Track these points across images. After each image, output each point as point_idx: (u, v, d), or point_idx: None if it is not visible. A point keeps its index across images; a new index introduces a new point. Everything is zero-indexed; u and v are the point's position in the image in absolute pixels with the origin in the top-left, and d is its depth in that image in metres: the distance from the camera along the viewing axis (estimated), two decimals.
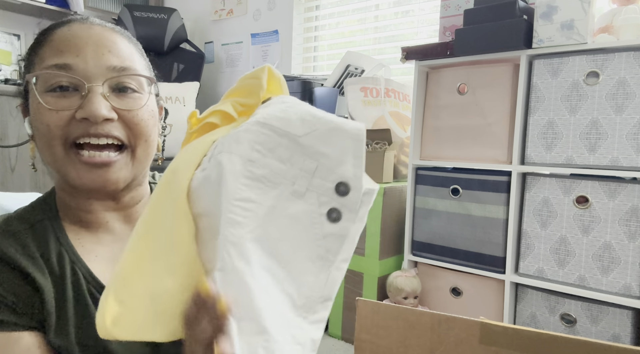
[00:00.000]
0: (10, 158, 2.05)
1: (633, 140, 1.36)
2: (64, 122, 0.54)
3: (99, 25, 0.60)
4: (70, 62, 0.55)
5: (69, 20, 0.60)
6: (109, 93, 0.56)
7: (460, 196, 1.70)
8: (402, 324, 0.48)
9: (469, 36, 1.58)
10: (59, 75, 0.54)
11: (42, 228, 0.59)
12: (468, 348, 0.45)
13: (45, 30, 0.60)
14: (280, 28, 2.78)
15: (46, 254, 0.57)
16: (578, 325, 1.45)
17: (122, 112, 0.57)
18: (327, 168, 0.43)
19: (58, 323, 0.55)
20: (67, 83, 0.55)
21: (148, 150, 0.61)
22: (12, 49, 2.71)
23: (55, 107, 0.54)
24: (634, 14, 1.43)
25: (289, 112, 0.45)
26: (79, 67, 0.55)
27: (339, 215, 0.44)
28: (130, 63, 0.59)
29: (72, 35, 0.57)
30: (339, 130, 0.43)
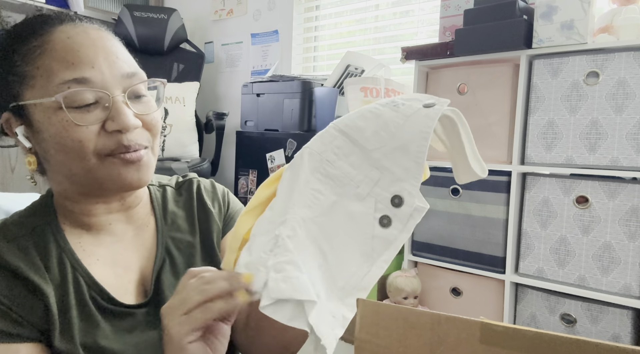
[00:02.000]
0: (10, 158, 2.05)
1: (633, 140, 1.36)
2: (94, 135, 0.55)
3: (93, 28, 0.59)
4: (87, 75, 0.54)
5: (50, 21, 0.58)
6: (128, 100, 0.57)
7: (460, 196, 1.70)
8: (402, 324, 0.48)
9: (469, 36, 1.58)
10: (82, 91, 0.54)
11: (41, 233, 0.58)
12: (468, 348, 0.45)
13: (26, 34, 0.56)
14: (280, 28, 2.78)
15: (47, 260, 0.57)
16: (578, 325, 1.45)
17: (142, 117, 0.59)
18: (388, 181, 0.50)
19: (62, 328, 0.55)
20: (93, 100, 0.55)
21: (156, 150, 0.63)
22: None
23: (84, 123, 0.54)
24: (634, 14, 1.43)
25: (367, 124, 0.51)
26: (97, 79, 0.55)
27: (389, 222, 0.50)
28: (135, 67, 0.60)
29: (77, 43, 0.56)
30: (404, 151, 0.50)
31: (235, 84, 2.93)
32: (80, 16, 0.61)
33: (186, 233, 0.68)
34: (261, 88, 2.41)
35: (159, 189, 0.71)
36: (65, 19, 0.59)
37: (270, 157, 2.31)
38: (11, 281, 0.54)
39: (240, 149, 2.48)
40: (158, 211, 0.68)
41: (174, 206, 0.70)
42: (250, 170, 2.41)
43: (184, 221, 0.69)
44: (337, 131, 0.52)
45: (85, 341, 0.56)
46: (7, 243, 0.56)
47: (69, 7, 2.72)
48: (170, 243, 0.67)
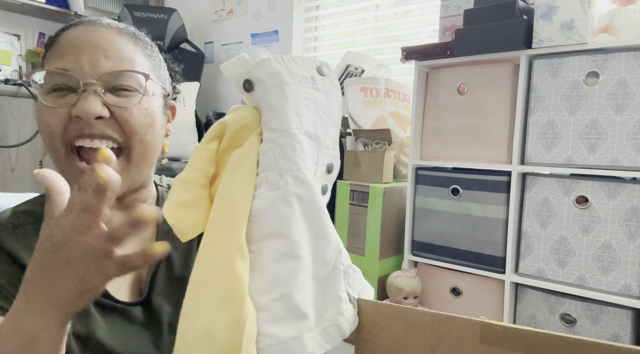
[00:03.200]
0: (11, 158, 2.05)
1: (633, 140, 1.36)
2: (62, 120, 0.56)
3: (104, 26, 0.61)
4: (67, 66, 0.57)
5: (77, 22, 0.62)
6: (103, 91, 0.58)
7: (460, 196, 1.70)
8: (402, 324, 0.48)
9: (469, 36, 1.58)
10: (56, 77, 0.57)
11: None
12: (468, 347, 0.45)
13: (56, 33, 0.62)
14: (280, 28, 2.78)
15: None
16: (578, 325, 1.45)
17: (115, 108, 0.58)
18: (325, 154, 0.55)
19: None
20: (64, 85, 0.57)
21: (145, 152, 0.61)
22: (12, 49, 2.71)
23: (53, 105, 0.56)
24: (634, 14, 1.43)
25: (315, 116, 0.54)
26: (77, 72, 0.57)
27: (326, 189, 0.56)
28: (128, 66, 0.60)
29: (74, 39, 0.59)
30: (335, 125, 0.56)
31: None
32: (108, 20, 0.64)
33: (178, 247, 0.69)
34: None
35: (167, 191, 0.72)
36: (85, 22, 0.62)
37: None
38: (9, 266, 0.56)
39: None
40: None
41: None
42: None
43: None
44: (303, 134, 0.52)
45: (79, 330, 0.56)
46: (13, 228, 0.58)
47: (69, 7, 2.72)
48: (170, 243, 0.66)
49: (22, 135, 2.06)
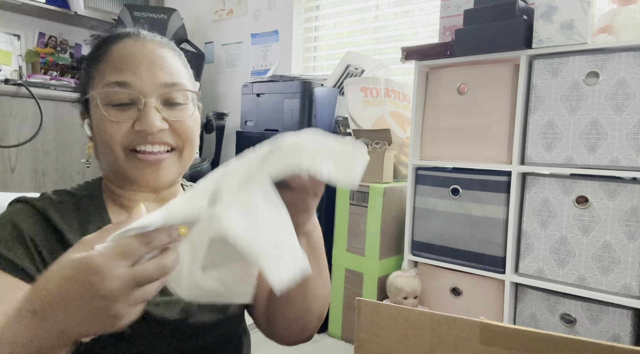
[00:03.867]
0: (11, 158, 2.05)
1: (633, 140, 1.36)
2: (124, 131, 0.64)
3: (150, 41, 0.68)
4: (128, 80, 0.64)
5: (122, 34, 0.68)
6: (161, 106, 0.65)
7: (460, 196, 1.70)
8: (402, 324, 0.48)
9: (469, 36, 1.58)
10: (119, 92, 0.64)
11: (85, 202, 0.68)
12: (468, 348, 0.45)
13: (100, 45, 0.68)
14: (280, 28, 2.78)
15: (85, 223, 0.65)
16: (578, 325, 1.45)
17: (172, 122, 0.66)
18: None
19: None
20: (127, 100, 0.64)
21: (192, 151, 0.71)
22: (12, 48, 2.71)
23: (117, 119, 0.64)
24: (634, 14, 1.43)
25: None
26: (136, 84, 0.64)
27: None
28: (178, 79, 0.68)
29: (129, 53, 0.65)
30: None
31: (235, 84, 2.93)
32: (145, 32, 0.71)
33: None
34: (261, 89, 2.41)
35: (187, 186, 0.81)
36: (132, 34, 0.68)
37: None
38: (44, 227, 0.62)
39: (241, 149, 2.47)
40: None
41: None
42: None
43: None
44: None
45: None
46: (56, 203, 0.65)
47: (69, 7, 2.71)
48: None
49: (22, 135, 2.06)
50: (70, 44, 2.96)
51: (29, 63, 2.76)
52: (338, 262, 2.06)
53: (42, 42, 2.83)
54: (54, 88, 2.17)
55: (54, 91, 2.15)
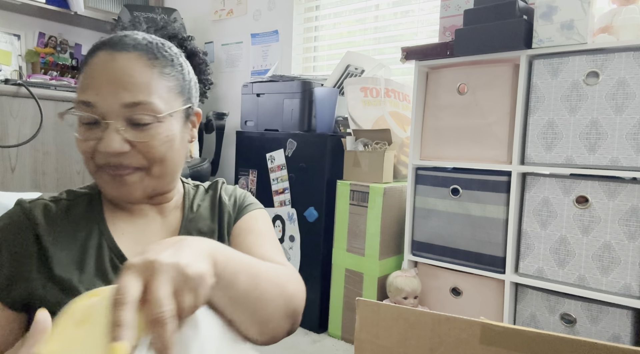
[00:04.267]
0: (11, 158, 2.05)
1: (633, 140, 1.36)
2: (91, 149, 0.65)
3: (123, 53, 0.65)
4: (91, 100, 0.63)
5: (100, 45, 0.67)
6: (124, 127, 0.64)
7: (460, 196, 1.70)
8: (402, 324, 0.48)
9: (469, 36, 1.58)
10: (84, 112, 0.64)
11: (83, 200, 0.71)
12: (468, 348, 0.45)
13: (88, 52, 0.68)
14: (280, 28, 2.78)
15: (77, 220, 0.68)
16: (578, 325, 1.45)
17: (136, 143, 0.64)
18: None
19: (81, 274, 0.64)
20: (92, 120, 0.64)
21: (164, 169, 0.68)
22: (12, 49, 2.71)
23: (84, 138, 0.65)
24: (634, 14, 1.43)
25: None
26: (98, 105, 0.63)
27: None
28: (144, 97, 0.64)
29: (96, 71, 0.64)
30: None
31: (235, 84, 2.93)
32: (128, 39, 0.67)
33: (207, 219, 0.77)
34: (261, 88, 2.41)
35: (193, 188, 0.83)
36: (109, 45, 0.66)
37: (270, 157, 2.31)
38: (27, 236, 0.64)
39: (241, 149, 2.48)
40: (187, 203, 0.78)
41: (200, 200, 0.80)
42: (251, 170, 2.42)
43: (207, 210, 0.79)
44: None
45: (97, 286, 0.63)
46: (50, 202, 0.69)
47: (69, 7, 2.71)
48: (192, 229, 0.76)
49: (22, 135, 2.06)
50: (70, 44, 2.96)
51: (29, 63, 2.76)
52: (338, 262, 2.06)
53: (42, 42, 2.83)
54: (54, 88, 2.17)
55: (54, 91, 2.15)
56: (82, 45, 3.03)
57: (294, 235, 2.20)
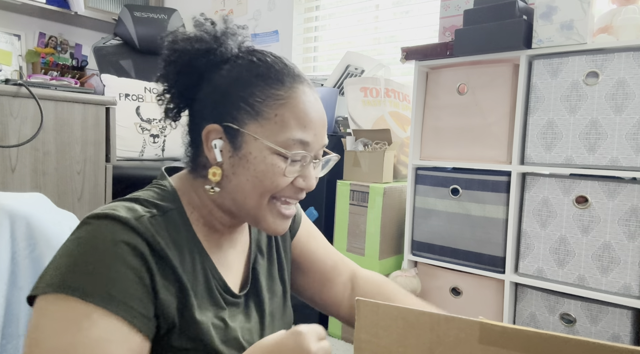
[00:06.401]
0: (11, 158, 2.05)
1: (632, 140, 1.36)
2: (286, 184, 0.64)
3: (318, 97, 0.68)
4: (310, 140, 0.64)
5: (299, 78, 0.66)
6: (315, 165, 0.68)
7: (460, 196, 1.70)
8: (402, 324, 0.49)
9: (468, 36, 1.58)
10: (301, 153, 0.64)
11: (173, 216, 0.64)
12: (468, 347, 0.45)
13: (275, 79, 0.64)
14: (280, 28, 2.78)
15: (179, 242, 0.63)
16: (578, 325, 1.46)
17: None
18: None
19: (197, 302, 0.62)
20: (299, 158, 0.64)
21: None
22: (12, 49, 2.71)
23: (289, 175, 0.64)
24: (634, 14, 1.43)
25: None
26: (312, 144, 0.65)
27: None
28: (327, 139, 0.69)
29: (311, 109, 0.65)
30: None
31: None
32: (306, 78, 0.69)
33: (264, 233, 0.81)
34: None
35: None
36: (303, 81, 0.67)
37: None
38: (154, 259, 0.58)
39: None
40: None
41: None
42: None
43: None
44: None
45: (217, 323, 0.64)
46: (151, 217, 0.61)
47: (69, 7, 2.72)
48: (259, 240, 0.79)
49: (22, 135, 2.06)
50: (70, 44, 2.96)
51: (29, 63, 2.76)
52: None
53: (43, 42, 2.83)
54: (54, 88, 2.18)
55: (54, 91, 2.15)
56: (82, 45, 3.04)
57: None
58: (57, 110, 2.15)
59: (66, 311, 0.52)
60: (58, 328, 0.51)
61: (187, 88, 0.67)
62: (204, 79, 0.66)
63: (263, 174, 0.62)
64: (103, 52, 2.66)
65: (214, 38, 0.67)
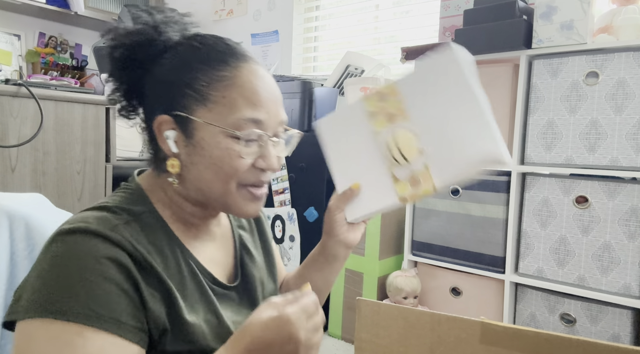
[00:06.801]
0: (11, 158, 2.05)
1: (632, 140, 1.36)
2: (246, 167, 0.62)
3: (268, 74, 0.66)
4: (262, 118, 0.62)
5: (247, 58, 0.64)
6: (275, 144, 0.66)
7: (460, 196, 1.70)
8: (402, 324, 0.49)
9: (469, 36, 1.58)
10: (255, 132, 0.62)
11: (147, 219, 0.63)
12: (468, 347, 0.45)
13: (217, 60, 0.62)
14: (280, 28, 2.78)
15: (158, 243, 0.62)
16: (578, 325, 1.46)
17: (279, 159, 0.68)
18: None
19: (186, 303, 0.61)
20: (255, 137, 0.62)
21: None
22: (12, 49, 2.71)
23: (246, 156, 0.62)
24: (634, 14, 1.43)
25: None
26: (266, 122, 0.63)
27: None
28: (285, 114, 0.67)
29: (260, 87, 0.63)
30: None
31: None
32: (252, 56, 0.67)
33: (247, 228, 0.81)
34: None
35: None
36: (248, 59, 0.65)
37: None
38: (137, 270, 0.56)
39: None
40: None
41: None
42: None
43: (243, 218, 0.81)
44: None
45: (209, 318, 0.63)
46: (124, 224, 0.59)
47: (69, 7, 2.71)
48: (242, 236, 0.78)
49: (22, 135, 2.06)
50: (70, 44, 2.96)
51: (29, 63, 2.76)
52: None
53: (43, 42, 2.83)
54: (54, 88, 2.18)
55: (54, 91, 2.15)
56: (82, 45, 3.03)
57: (294, 235, 2.21)
58: (57, 110, 2.15)
59: (56, 333, 0.51)
60: (52, 351, 0.50)
61: (134, 83, 0.66)
62: (148, 71, 0.65)
63: (220, 159, 0.61)
64: (103, 52, 2.65)
65: (153, 28, 0.64)
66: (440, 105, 0.64)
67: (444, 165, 0.63)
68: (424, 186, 0.64)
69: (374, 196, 0.68)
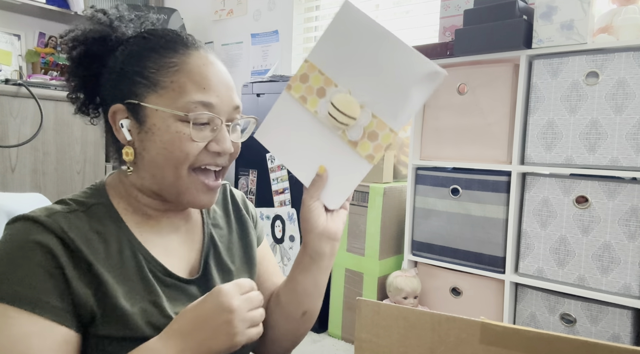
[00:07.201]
0: (11, 158, 2.05)
1: (633, 140, 1.36)
2: (198, 151, 0.63)
3: (219, 60, 0.68)
4: (212, 101, 0.63)
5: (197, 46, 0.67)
6: (229, 129, 0.67)
7: (460, 196, 1.70)
8: (402, 324, 0.49)
9: (469, 36, 1.58)
10: (204, 114, 0.63)
11: (97, 210, 0.65)
12: (468, 347, 0.45)
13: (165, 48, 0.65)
14: (280, 28, 2.78)
15: (103, 232, 0.63)
16: (578, 325, 1.46)
17: (234, 144, 0.68)
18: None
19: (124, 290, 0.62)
20: (206, 120, 0.64)
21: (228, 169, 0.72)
22: (12, 48, 2.71)
23: (197, 139, 0.63)
24: (634, 14, 1.43)
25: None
26: (217, 106, 0.64)
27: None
28: (239, 100, 0.68)
29: (210, 72, 0.65)
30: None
31: (236, 84, 2.93)
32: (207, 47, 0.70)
33: (224, 228, 0.80)
34: (261, 89, 2.41)
35: None
36: (199, 47, 0.67)
37: (270, 157, 2.31)
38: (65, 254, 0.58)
39: (241, 149, 2.48)
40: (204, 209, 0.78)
41: (214, 205, 0.81)
42: (250, 170, 2.42)
43: (222, 218, 0.80)
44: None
45: (145, 307, 0.63)
46: (67, 213, 0.62)
47: (69, 7, 2.71)
48: (214, 234, 0.77)
49: (22, 135, 2.06)
50: None
51: (29, 63, 2.76)
52: (338, 262, 2.06)
53: (42, 42, 2.83)
54: (54, 88, 2.18)
55: (54, 91, 2.15)
56: None
57: (294, 235, 2.21)
58: (57, 110, 2.15)
59: None
60: None
61: (90, 79, 0.68)
62: (104, 66, 0.67)
63: (171, 143, 0.62)
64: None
65: (108, 26, 0.68)
66: (359, 54, 0.64)
67: (389, 105, 0.63)
68: (382, 135, 0.64)
69: (343, 170, 0.68)
